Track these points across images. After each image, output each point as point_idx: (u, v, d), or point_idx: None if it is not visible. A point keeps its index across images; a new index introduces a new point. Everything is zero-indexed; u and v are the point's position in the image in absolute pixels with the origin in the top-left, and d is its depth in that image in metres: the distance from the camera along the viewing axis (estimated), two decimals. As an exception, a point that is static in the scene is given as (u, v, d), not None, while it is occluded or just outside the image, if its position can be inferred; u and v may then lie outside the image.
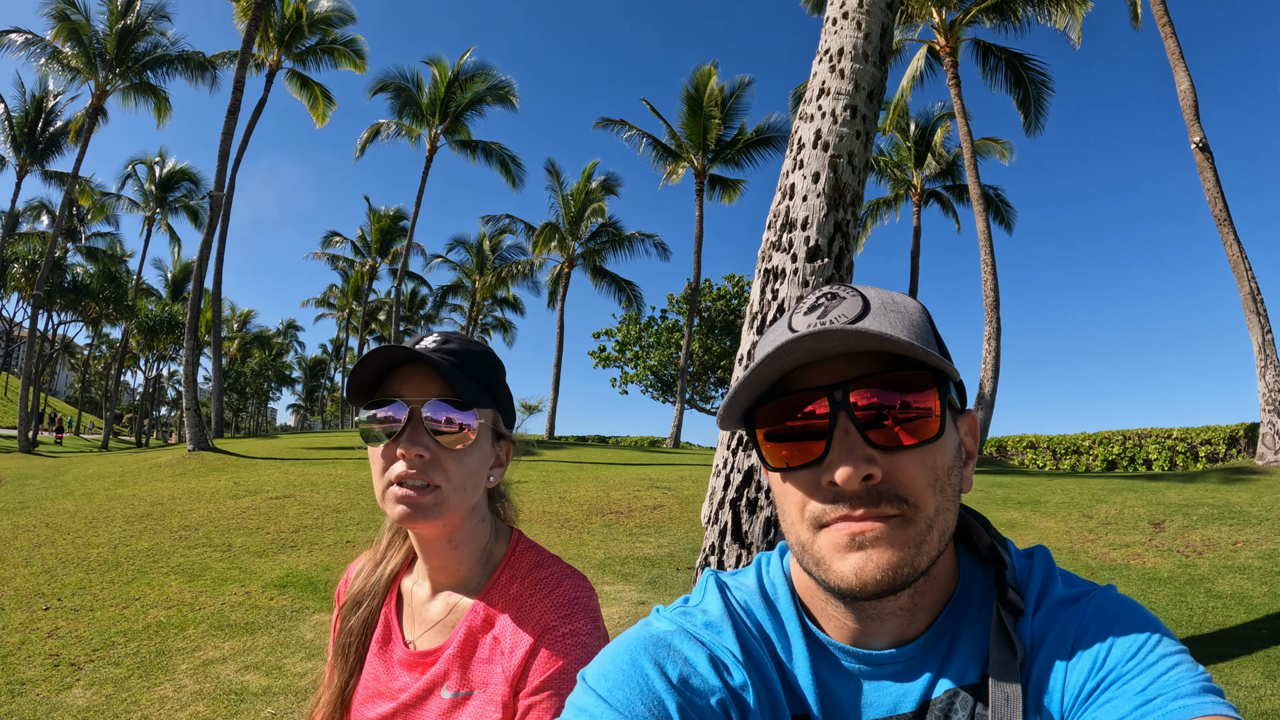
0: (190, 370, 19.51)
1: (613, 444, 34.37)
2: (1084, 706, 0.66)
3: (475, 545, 1.18)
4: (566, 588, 1.13)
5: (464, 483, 1.09)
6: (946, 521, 0.70)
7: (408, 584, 1.26)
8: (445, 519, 1.10)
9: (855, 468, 0.66)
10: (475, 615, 1.14)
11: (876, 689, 0.76)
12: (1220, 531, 7.98)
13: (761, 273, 4.03)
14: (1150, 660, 0.66)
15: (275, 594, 6.77)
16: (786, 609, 0.81)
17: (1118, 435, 22.61)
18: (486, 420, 1.13)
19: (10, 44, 28.03)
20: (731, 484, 3.71)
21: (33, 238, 41.90)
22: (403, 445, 1.05)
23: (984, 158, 27.97)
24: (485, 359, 1.16)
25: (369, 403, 1.10)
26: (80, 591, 6.94)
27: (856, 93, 4.09)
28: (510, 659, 1.08)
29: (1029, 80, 20.77)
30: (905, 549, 0.67)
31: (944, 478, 0.69)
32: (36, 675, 4.95)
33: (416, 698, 1.13)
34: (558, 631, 1.08)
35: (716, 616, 0.80)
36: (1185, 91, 14.84)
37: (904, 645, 0.75)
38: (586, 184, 33.63)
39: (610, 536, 8.92)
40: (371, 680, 1.19)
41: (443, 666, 1.12)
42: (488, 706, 1.07)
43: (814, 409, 0.70)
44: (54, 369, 65.89)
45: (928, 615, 0.76)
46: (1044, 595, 0.76)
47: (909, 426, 0.69)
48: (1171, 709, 0.60)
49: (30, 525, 10.15)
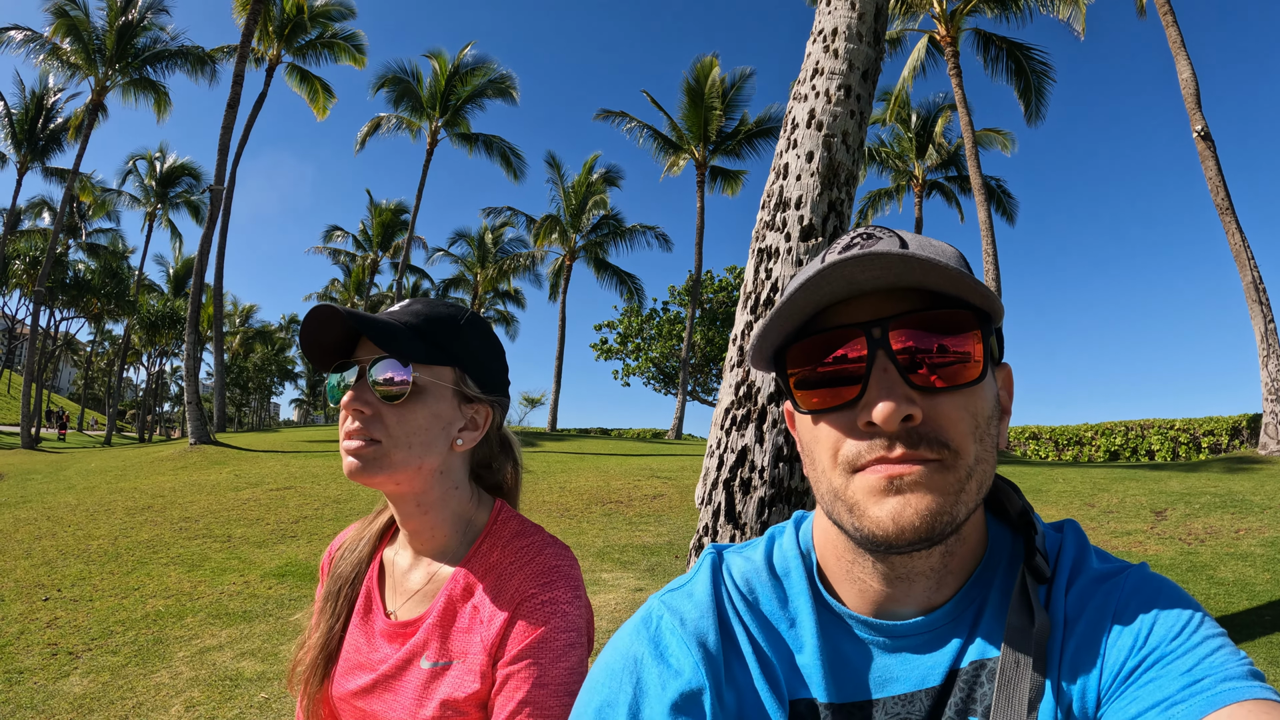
0: (192, 365, 19.55)
1: (615, 436, 34.40)
2: (1125, 685, 0.63)
3: (449, 511, 1.17)
4: (547, 556, 1.12)
5: (407, 439, 1.09)
6: (985, 473, 0.66)
7: (389, 554, 1.25)
8: (395, 475, 1.09)
9: (897, 405, 0.62)
10: (455, 584, 1.12)
11: (900, 662, 0.72)
12: (1222, 519, 7.96)
13: (755, 252, 4.00)
14: (1195, 641, 0.63)
15: (274, 583, 6.78)
16: (798, 583, 0.77)
17: (1120, 426, 22.60)
18: (440, 378, 1.12)
19: (10, 41, 28.09)
20: (725, 464, 3.69)
21: (34, 235, 41.99)
22: (346, 401, 1.08)
23: (986, 148, 27.93)
24: (445, 321, 1.15)
25: (334, 366, 1.13)
26: (80, 582, 6.97)
27: (850, 72, 4.07)
28: (489, 627, 1.07)
29: (1030, 70, 20.72)
30: (945, 496, 0.63)
31: (984, 426, 0.66)
32: (34, 664, 4.96)
33: (396, 669, 1.11)
34: (536, 599, 1.06)
35: (699, 600, 0.77)
36: (1187, 80, 14.78)
37: (930, 613, 0.72)
38: (588, 176, 33.66)
39: (610, 525, 8.93)
40: (352, 652, 1.18)
41: (422, 636, 1.11)
42: (466, 677, 1.06)
43: (850, 347, 0.66)
44: (57, 366, 66.08)
45: (956, 580, 0.72)
46: (1078, 570, 0.72)
47: (950, 369, 0.65)
48: (1221, 690, 0.58)
49: (31, 518, 10.20)
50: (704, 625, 0.75)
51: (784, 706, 0.71)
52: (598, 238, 34.12)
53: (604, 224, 34.19)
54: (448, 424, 1.14)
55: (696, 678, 0.72)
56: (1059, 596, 0.71)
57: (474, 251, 39.66)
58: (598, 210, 33.79)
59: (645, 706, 0.71)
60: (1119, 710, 0.62)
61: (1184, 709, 0.58)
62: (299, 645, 1.26)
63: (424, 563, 1.19)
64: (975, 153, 19.96)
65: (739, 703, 0.72)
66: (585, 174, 33.70)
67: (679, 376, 32.20)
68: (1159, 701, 0.60)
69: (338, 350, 1.14)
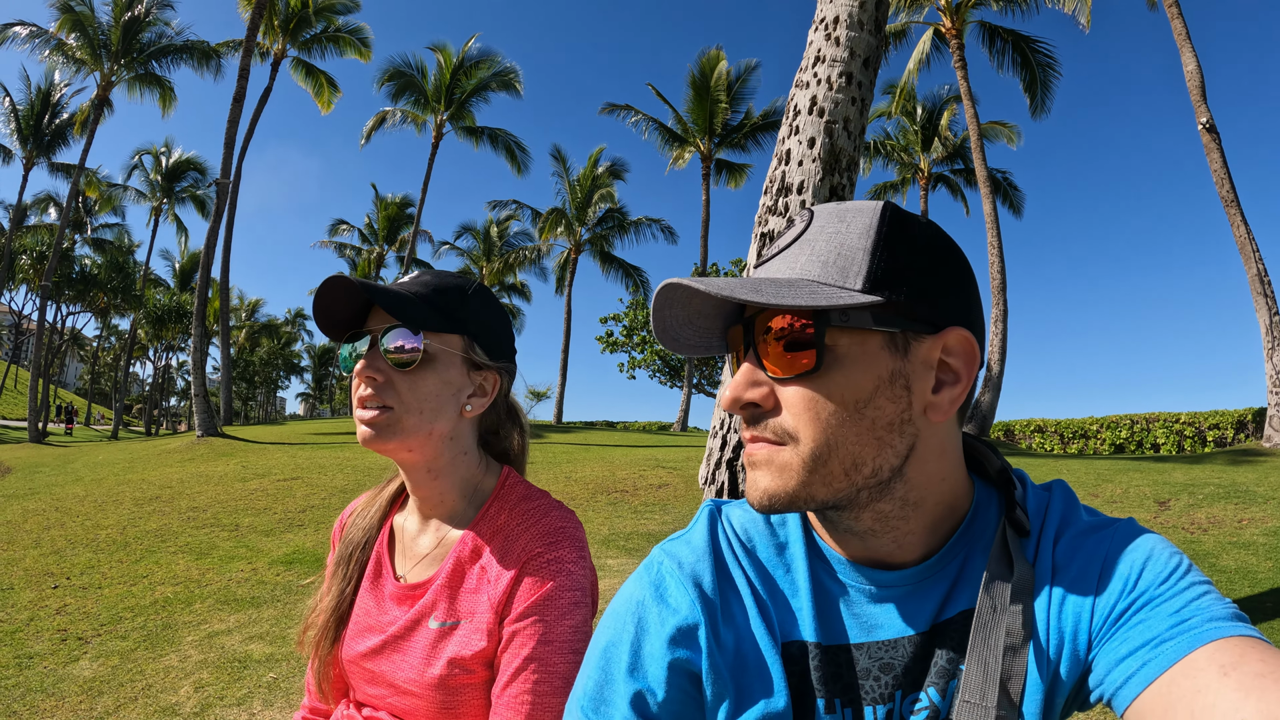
0: (199, 358, 19.61)
1: (621, 428, 34.37)
2: (1115, 627, 0.67)
3: (458, 477, 1.20)
4: (553, 518, 1.15)
5: (419, 405, 1.12)
6: (854, 455, 0.69)
7: (399, 520, 1.28)
8: (407, 441, 1.13)
9: (733, 394, 0.71)
10: (464, 546, 1.15)
11: (884, 610, 0.76)
12: (1226, 510, 7.95)
13: (757, 237, 4.04)
14: (1182, 585, 0.66)
15: (281, 570, 6.83)
16: (794, 531, 0.82)
17: (1125, 419, 22.55)
18: (449, 345, 1.15)
19: (15, 37, 28.12)
20: (728, 444, 3.73)
21: (40, 230, 42.05)
22: (358, 369, 1.11)
23: (991, 141, 27.82)
24: (452, 290, 1.19)
25: (346, 336, 1.17)
26: (89, 570, 7.02)
27: (852, 60, 4.09)
28: (496, 586, 1.10)
29: (1036, 63, 20.59)
30: (787, 475, 0.69)
31: (843, 410, 0.68)
32: (44, 649, 5.01)
33: (404, 629, 1.14)
34: (542, 558, 1.09)
35: (697, 546, 0.82)
36: (1192, 72, 14.70)
37: (916, 565, 0.76)
38: (593, 169, 33.59)
39: (615, 514, 8.96)
40: (362, 615, 1.21)
41: (431, 598, 1.14)
42: (474, 635, 1.09)
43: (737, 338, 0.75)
44: (63, 361, 66.32)
45: (929, 539, 0.76)
46: (1067, 523, 0.76)
47: (792, 358, 0.69)
48: (1207, 628, 0.61)
49: (40, 510, 10.25)
50: (700, 568, 0.80)
51: (777, 646, 0.76)
52: (603, 231, 34.06)
53: (609, 217, 34.13)
54: (457, 390, 1.17)
55: (693, 615, 0.77)
56: (1047, 548, 0.74)
57: (479, 245, 39.62)
58: (603, 203, 33.72)
59: (646, 643, 0.77)
60: (1110, 651, 0.66)
61: (1171, 646, 0.61)
62: (310, 609, 1.29)
63: (433, 527, 1.22)
64: (981, 145, 19.89)
65: (737, 641, 0.77)
66: (590, 167, 33.63)
67: (684, 369, 32.18)
68: (1148, 641, 0.63)
69: (349, 322, 1.17)
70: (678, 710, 0.77)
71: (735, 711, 0.75)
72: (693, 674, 0.76)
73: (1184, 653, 0.60)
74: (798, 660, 0.76)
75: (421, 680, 1.10)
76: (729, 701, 0.75)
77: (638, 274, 34.78)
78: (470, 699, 1.09)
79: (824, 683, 0.75)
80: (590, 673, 0.81)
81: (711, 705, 0.76)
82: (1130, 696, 0.62)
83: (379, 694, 1.16)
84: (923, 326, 0.71)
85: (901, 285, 0.69)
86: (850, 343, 0.69)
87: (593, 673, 0.80)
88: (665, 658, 0.76)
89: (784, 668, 0.75)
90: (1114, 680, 0.64)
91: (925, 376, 0.71)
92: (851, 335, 0.69)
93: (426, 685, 1.09)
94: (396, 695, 1.13)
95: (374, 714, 1.18)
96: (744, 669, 0.76)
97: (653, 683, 0.76)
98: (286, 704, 4.01)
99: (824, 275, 0.70)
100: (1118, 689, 0.64)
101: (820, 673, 0.75)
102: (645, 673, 0.77)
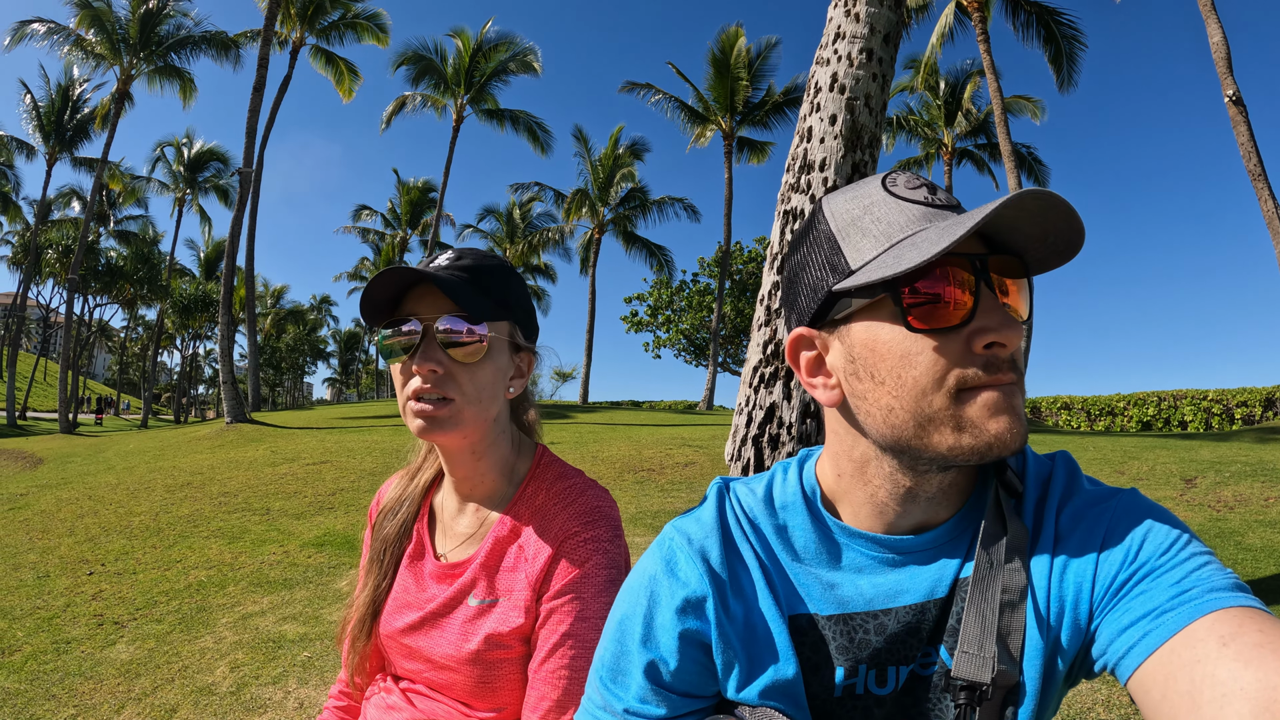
0: (226, 345, 19.78)
1: (646, 408, 34.37)
2: (1117, 597, 0.68)
3: (498, 457, 1.21)
4: (589, 497, 1.16)
5: (478, 395, 1.12)
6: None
7: (438, 500, 1.30)
8: (464, 431, 1.13)
9: (1016, 332, 0.69)
10: (503, 526, 1.17)
11: (909, 575, 0.78)
12: (1252, 488, 7.86)
13: (781, 214, 4.02)
14: (1183, 556, 0.67)
15: (313, 552, 6.92)
16: (796, 514, 0.83)
17: (1153, 396, 22.33)
18: (500, 333, 1.15)
19: (33, 34, 28.30)
20: (754, 420, 3.74)
21: (65, 224, 42.60)
22: (417, 361, 1.09)
23: (1016, 116, 27.43)
24: (497, 273, 1.17)
25: (386, 322, 1.13)
26: (123, 557, 7.15)
27: (872, 36, 4.05)
28: (533, 564, 1.12)
29: (1060, 35, 20.22)
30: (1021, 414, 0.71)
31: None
32: (81, 634, 5.11)
33: (444, 606, 1.17)
34: (579, 537, 1.11)
35: (705, 522, 0.85)
36: (1218, 44, 14.38)
37: (934, 529, 0.78)
38: (614, 149, 33.50)
39: (642, 492, 8.98)
40: (401, 592, 1.23)
41: (470, 576, 1.16)
42: (511, 612, 1.11)
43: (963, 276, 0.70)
44: (91, 352, 67.28)
45: (952, 502, 0.79)
46: (1070, 492, 0.78)
47: (1025, 300, 0.73)
48: (1208, 599, 0.62)
49: (73, 498, 10.41)
50: (709, 543, 0.83)
51: (784, 618, 0.79)
52: (626, 210, 33.99)
53: (632, 196, 34.04)
54: (506, 375, 1.18)
55: (701, 587, 0.80)
56: (1050, 515, 0.76)
57: (503, 227, 39.69)
58: (625, 183, 33.63)
59: (657, 615, 0.81)
60: (1112, 621, 0.68)
61: (1173, 616, 0.63)
62: (347, 606, 1.31)
63: (471, 507, 1.23)
64: (1005, 120, 19.60)
65: (746, 612, 0.80)
66: (612, 147, 33.54)
67: (709, 348, 32.16)
68: (1149, 611, 0.65)
69: (386, 306, 1.14)
70: (690, 679, 0.81)
71: (746, 679, 0.79)
72: (703, 644, 0.80)
73: (1184, 623, 0.62)
74: (807, 632, 0.79)
75: (459, 655, 1.12)
76: (739, 670, 0.79)
77: (661, 253, 34.74)
78: (506, 673, 1.11)
79: (842, 651, 0.77)
80: (608, 644, 0.85)
81: (723, 673, 0.80)
82: (1132, 666, 0.64)
83: (416, 668, 1.19)
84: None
85: None
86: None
87: (610, 644, 0.85)
88: (676, 628, 0.80)
89: (791, 638, 0.78)
90: (1116, 650, 0.66)
91: None
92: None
93: (463, 660, 1.12)
94: (434, 670, 1.16)
95: (411, 687, 1.21)
96: (754, 639, 0.79)
97: (665, 653, 0.80)
98: (321, 681, 4.09)
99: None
100: (1120, 659, 0.65)
101: (837, 642, 0.78)
102: (658, 643, 0.80)
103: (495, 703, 1.13)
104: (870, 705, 0.78)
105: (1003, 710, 0.71)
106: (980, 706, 0.69)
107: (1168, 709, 0.59)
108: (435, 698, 1.17)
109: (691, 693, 0.81)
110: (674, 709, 0.80)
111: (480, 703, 1.13)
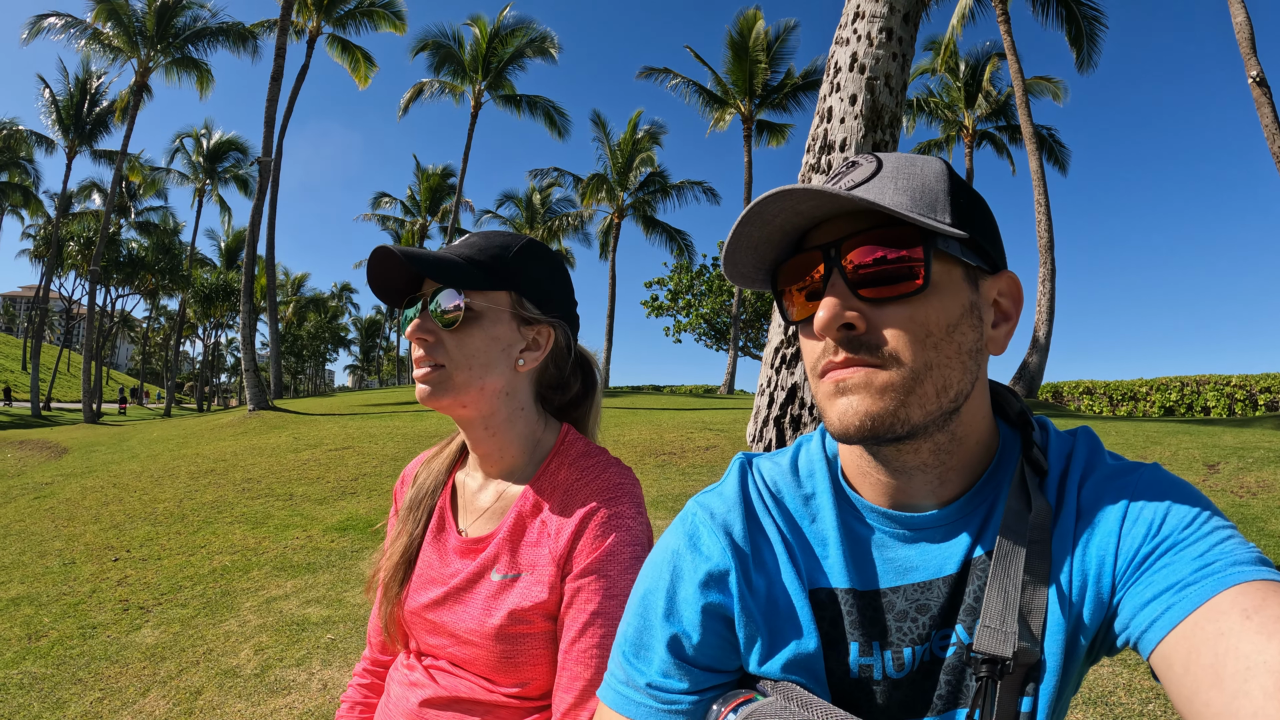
0: (248, 334, 19.95)
1: (667, 392, 34.37)
2: (1139, 571, 0.68)
3: (516, 433, 1.22)
4: (612, 474, 1.17)
5: (467, 361, 1.15)
6: (945, 378, 0.71)
7: (461, 476, 1.31)
8: (461, 397, 1.16)
9: (829, 315, 0.70)
10: (525, 501, 1.18)
11: (920, 552, 0.78)
12: (1276, 474, 7.75)
13: (800, 196, 4.00)
14: (1206, 530, 0.67)
15: (336, 536, 6.98)
16: (821, 482, 0.84)
17: (1175, 381, 22.10)
18: (495, 302, 1.18)
19: (51, 27, 28.57)
20: (775, 401, 3.73)
21: (86, 216, 43.10)
22: (410, 330, 1.16)
23: (1037, 97, 27.08)
24: (500, 249, 1.20)
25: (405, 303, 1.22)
26: (148, 543, 7.24)
27: (892, 15, 4.00)
28: (557, 540, 1.12)
29: (1081, 16, 19.90)
30: (884, 398, 0.69)
31: (938, 333, 0.71)
32: (107, 619, 5.19)
33: (467, 581, 1.17)
34: (602, 514, 1.11)
35: (728, 497, 0.85)
36: (1241, 24, 14.12)
37: (944, 507, 0.78)
38: (633, 133, 33.46)
39: (663, 476, 8.98)
40: (425, 568, 1.23)
41: (493, 551, 1.16)
42: (535, 587, 1.11)
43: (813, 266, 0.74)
44: (114, 343, 68.03)
45: (962, 477, 0.78)
46: (1092, 467, 0.77)
47: (892, 281, 0.70)
48: (1230, 572, 0.62)
49: (98, 486, 10.55)
50: (731, 517, 0.83)
51: (806, 592, 0.79)
52: (645, 195, 33.95)
53: (651, 181, 34.00)
54: (507, 345, 1.19)
55: (723, 561, 0.81)
56: (1072, 491, 0.75)
57: (522, 213, 39.73)
58: (644, 167, 33.61)
59: (680, 588, 0.82)
60: (1135, 594, 0.67)
61: (1195, 590, 0.62)
62: (379, 553, 1.33)
63: (494, 483, 1.25)
64: (1025, 101, 19.36)
65: (769, 586, 0.80)
66: (630, 131, 33.48)
67: (730, 332, 32.10)
68: (1172, 585, 0.64)
69: (406, 289, 1.23)
70: (712, 653, 0.81)
71: (768, 653, 0.78)
72: (725, 618, 0.80)
73: (1207, 596, 0.61)
74: (826, 606, 0.79)
75: (482, 630, 1.12)
76: (761, 643, 0.79)
77: (681, 237, 34.71)
78: (529, 648, 1.12)
79: (858, 626, 0.77)
80: (631, 619, 0.85)
81: (745, 647, 0.80)
82: (1155, 640, 0.63)
83: (440, 644, 1.19)
84: (988, 266, 0.76)
85: (969, 227, 0.73)
86: (942, 269, 0.73)
87: (633, 619, 0.85)
88: (698, 602, 0.80)
89: (813, 612, 0.78)
90: (1139, 624, 0.65)
91: (988, 312, 0.77)
92: (944, 263, 0.73)
93: (486, 635, 1.12)
94: (457, 645, 1.16)
95: (435, 663, 1.21)
96: (775, 613, 0.79)
97: (688, 626, 0.80)
98: (344, 663, 4.13)
99: (914, 208, 0.72)
100: (1143, 633, 0.65)
101: (853, 617, 0.77)
102: (680, 617, 0.81)
103: (518, 678, 1.13)
104: (888, 686, 0.77)
105: (1023, 687, 0.71)
106: (1001, 681, 0.69)
107: (1190, 682, 0.58)
108: (458, 674, 1.17)
109: (714, 667, 0.81)
110: (697, 683, 0.80)
111: (503, 678, 1.13)
